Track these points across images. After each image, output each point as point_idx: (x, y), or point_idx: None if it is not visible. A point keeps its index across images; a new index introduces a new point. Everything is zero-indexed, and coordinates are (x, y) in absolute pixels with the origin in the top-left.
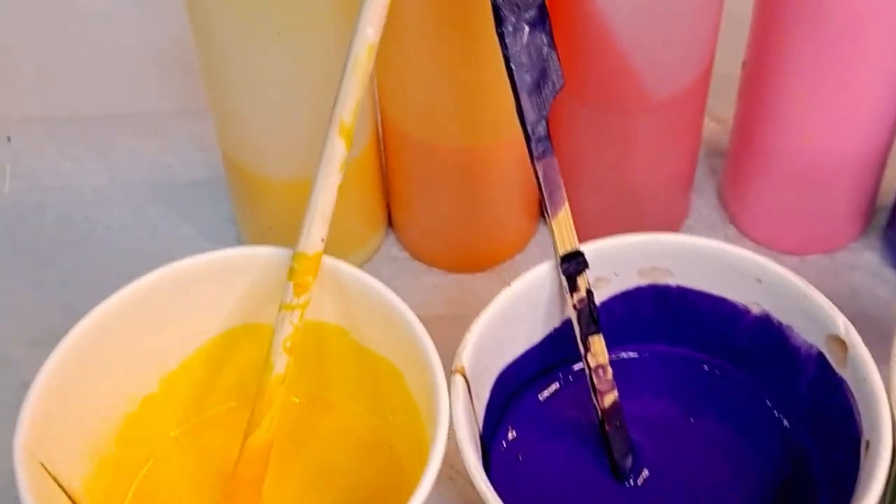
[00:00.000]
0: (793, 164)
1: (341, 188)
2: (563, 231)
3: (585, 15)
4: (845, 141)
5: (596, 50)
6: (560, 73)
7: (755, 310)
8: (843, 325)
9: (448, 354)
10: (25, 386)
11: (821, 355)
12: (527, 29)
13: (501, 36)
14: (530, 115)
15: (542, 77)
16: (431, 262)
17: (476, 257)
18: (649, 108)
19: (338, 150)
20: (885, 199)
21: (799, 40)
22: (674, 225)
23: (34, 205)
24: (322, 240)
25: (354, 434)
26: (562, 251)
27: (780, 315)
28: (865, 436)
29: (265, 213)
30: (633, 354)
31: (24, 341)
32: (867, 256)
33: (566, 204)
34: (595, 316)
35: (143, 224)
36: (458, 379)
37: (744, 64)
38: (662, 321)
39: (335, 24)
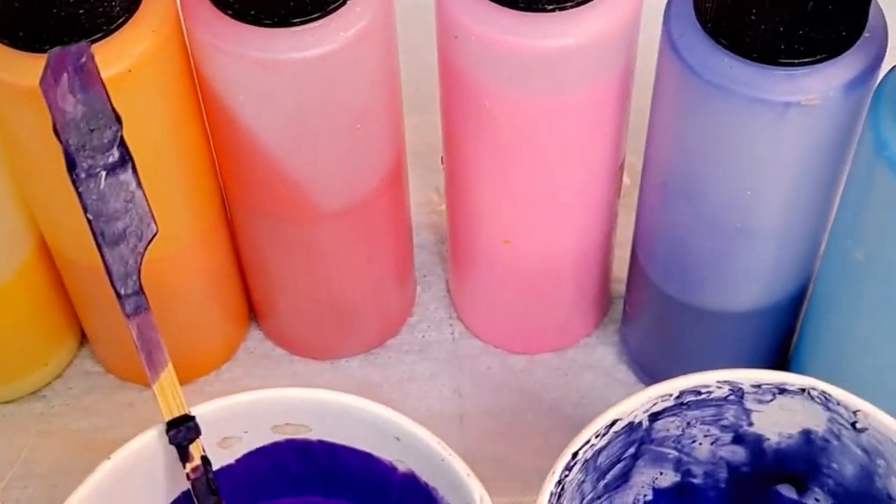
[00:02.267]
0: (499, 265)
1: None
2: (167, 395)
3: (238, 129)
4: (546, 245)
5: (254, 163)
6: (151, 218)
7: (401, 468)
8: (478, 496)
9: None
10: None
11: None
12: (104, 174)
13: (74, 182)
14: (117, 269)
15: (129, 225)
16: (127, 378)
17: (179, 369)
18: (325, 218)
19: None
20: (618, 288)
21: (477, 145)
22: (396, 324)
23: None
24: None
25: None
26: (168, 417)
27: (425, 475)
28: None
29: None
30: None
31: None
32: (601, 353)
33: (169, 365)
34: (213, 486)
35: None
36: None
37: (442, 159)
38: (312, 474)
39: None
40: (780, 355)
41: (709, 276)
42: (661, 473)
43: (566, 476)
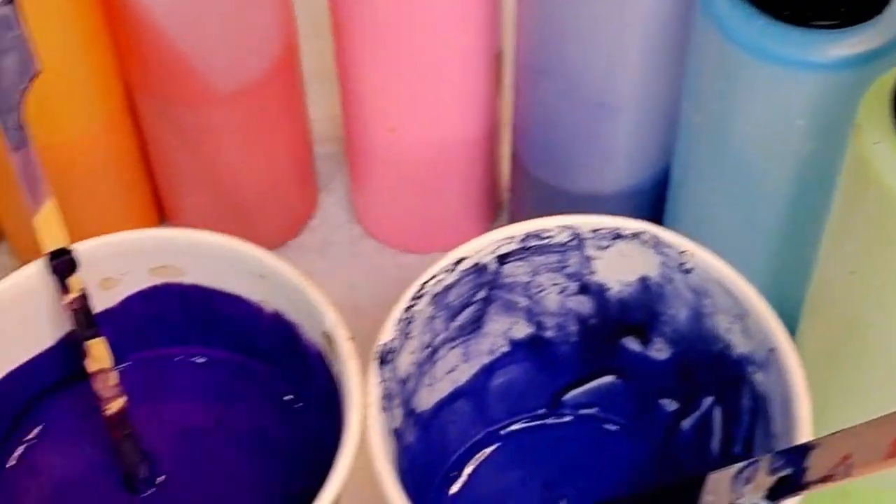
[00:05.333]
0: (389, 159)
1: None
2: (49, 227)
3: (133, 6)
4: (433, 131)
5: (146, 41)
6: (33, 58)
7: (267, 308)
8: (331, 320)
9: None
10: None
11: (321, 352)
12: None
13: None
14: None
15: (11, 61)
16: None
17: None
18: (218, 100)
19: None
20: (506, 195)
21: (361, 25)
22: (295, 225)
23: None
24: None
25: None
26: (48, 248)
27: (289, 312)
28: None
29: None
30: (158, 355)
31: None
32: None
33: (50, 198)
34: (92, 319)
35: None
36: None
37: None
38: (188, 321)
39: None
40: None
41: (576, 156)
42: (515, 323)
43: (414, 305)
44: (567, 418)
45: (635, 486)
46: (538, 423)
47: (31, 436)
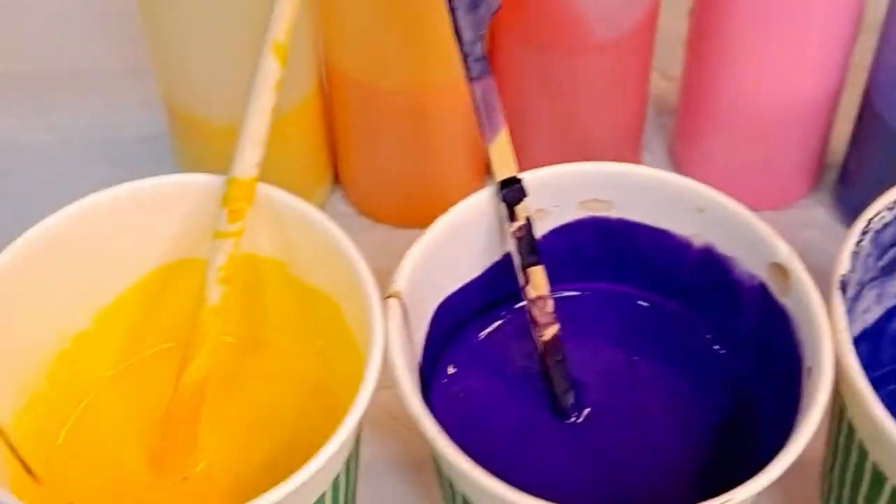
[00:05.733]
0: (741, 114)
1: (283, 140)
2: (502, 156)
3: None
4: (794, 87)
5: None
6: None
7: (697, 242)
8: (785, 252)
9: None
10: None
11: (763, 285)
12: None
13: None
14: (466, 34)
15: None
16: (377, 218)
17: (422, 212)
18: (593, 49)
19: (270, 69)
20: (834, 157)
21: None
22: None
23: None
24: (256, 164)
25: (294, 377)
26: (500, 177)
27: (723, 246)
28: (807, 363)
29: (206, 159)
30: (574, 293)
31: None
32: (817, 213)
33: (505, 128)
34: (535, 246)
35: (87, 180)
36: (394, 303)
37: (691, 11)
38: (604, 257)
39: None
40: None
41: None
42: None
43: (861, 241)
44: None
45: None
46: None
47: (456, 357)
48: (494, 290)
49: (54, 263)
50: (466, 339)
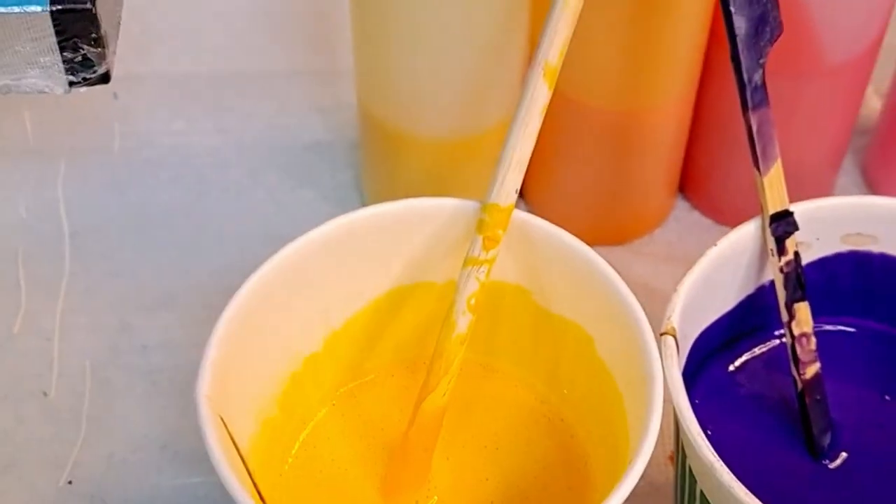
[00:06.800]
0: None
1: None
2: (774, 189)
3: None
4: None
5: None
6: (779, 19)
7: None
8: None
9: None
10: (146, 350)
11: None
12: None
13: None
14: (746, 62)
15: (760, 22)
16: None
17: (615, 230)
18: (821, 72)
19: (541, 94)
20: None
21: None
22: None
23: (145, 163)
24: (516, 191)
25: (523, 406)
26: (772, 210)
27: None
28: None
29: (407, 173)
30: (825, 327)
31: (141, 305)
32: None
33: (779, 160)
34: (802, 281)
35: (260, 186)
36: (670, 341)
37: None
38: (858, 292)
39: None
40: None
41: None
42: None
43: None
44: None
45: None
46: None
47: (701, 391)
48: (743, 323)
49: (296, 288)
50: (712, 373)
